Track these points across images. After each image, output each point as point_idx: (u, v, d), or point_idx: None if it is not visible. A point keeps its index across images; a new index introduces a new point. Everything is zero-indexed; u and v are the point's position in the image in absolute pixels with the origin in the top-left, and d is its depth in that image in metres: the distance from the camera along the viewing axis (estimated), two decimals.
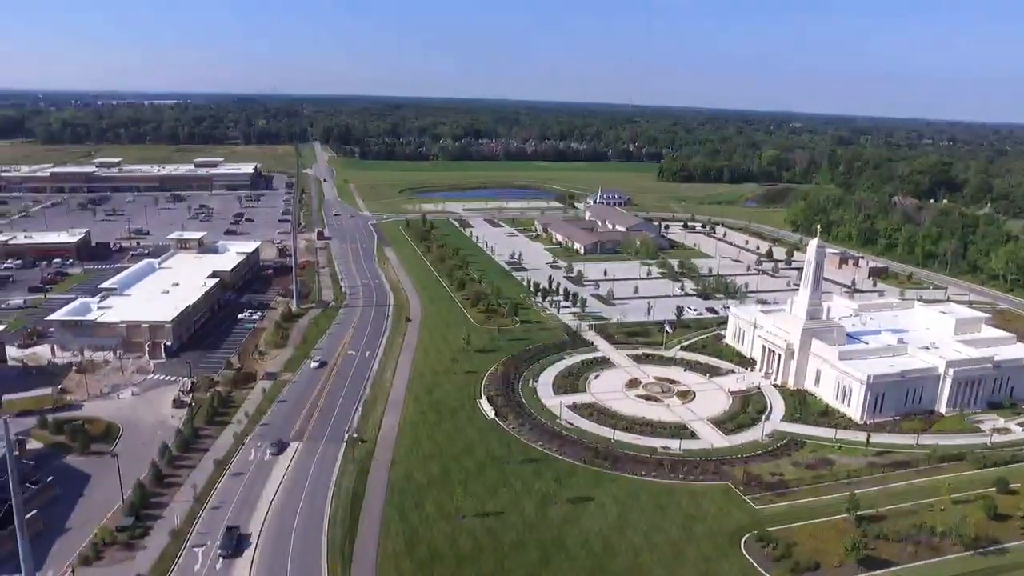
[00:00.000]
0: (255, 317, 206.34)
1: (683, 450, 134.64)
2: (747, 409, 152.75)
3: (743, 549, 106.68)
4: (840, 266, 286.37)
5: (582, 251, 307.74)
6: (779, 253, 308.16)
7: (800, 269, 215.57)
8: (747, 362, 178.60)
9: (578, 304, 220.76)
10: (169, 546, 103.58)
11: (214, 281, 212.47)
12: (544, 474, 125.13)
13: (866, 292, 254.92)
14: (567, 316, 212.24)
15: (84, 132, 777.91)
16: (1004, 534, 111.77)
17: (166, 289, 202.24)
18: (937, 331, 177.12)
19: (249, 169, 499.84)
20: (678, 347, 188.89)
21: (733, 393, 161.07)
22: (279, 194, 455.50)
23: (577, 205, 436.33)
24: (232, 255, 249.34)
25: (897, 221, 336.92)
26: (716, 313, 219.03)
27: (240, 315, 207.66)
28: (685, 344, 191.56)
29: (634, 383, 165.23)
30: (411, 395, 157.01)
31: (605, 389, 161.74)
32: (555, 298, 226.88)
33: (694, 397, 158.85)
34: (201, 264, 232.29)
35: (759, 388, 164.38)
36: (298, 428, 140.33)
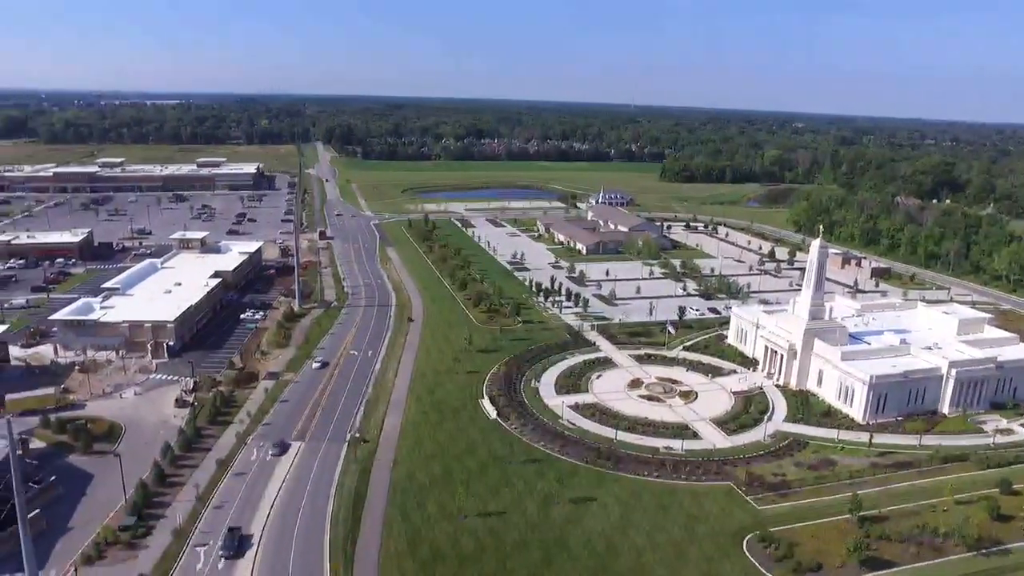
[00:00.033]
0: (257, 317, 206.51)
1: (685, 450, 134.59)
2: (749, 409, 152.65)
3: (745, 549, 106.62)
4: (843, 266, 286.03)
5: (584, 251, 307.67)
6: (781, 253, 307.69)
7: (802, 269, 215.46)
8: (749, 362, 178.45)
9: (580, 304, 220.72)
10: (171, 545, 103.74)
11: (216, 281, 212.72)
12: (546, 474, 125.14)
13: (869, 292, 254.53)
14: (569, 316, 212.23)
15: (87, 132, 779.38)
16: (1007, 535, 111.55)
17: (168, 289, 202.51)
18: (940, 332, 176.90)
19: (251, 169, 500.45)
20: (680, 347, 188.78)
21: (735, 393, 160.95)
22: (281, 194, 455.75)
23: (579, 205, 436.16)
24: (234, 255, 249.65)
25: (900, 221, 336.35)
26: (718, 313, 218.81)
27: (242, 315, 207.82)
28: (687, 344, 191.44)
29: (636, 383, 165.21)
30: (413, 395, 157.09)
31: (607, 389, 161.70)
32: (557, 298, 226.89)
33: (696, 397, 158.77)
34: (203, 264, 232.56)
35: (761, 388, 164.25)
36: (300, 428, 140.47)
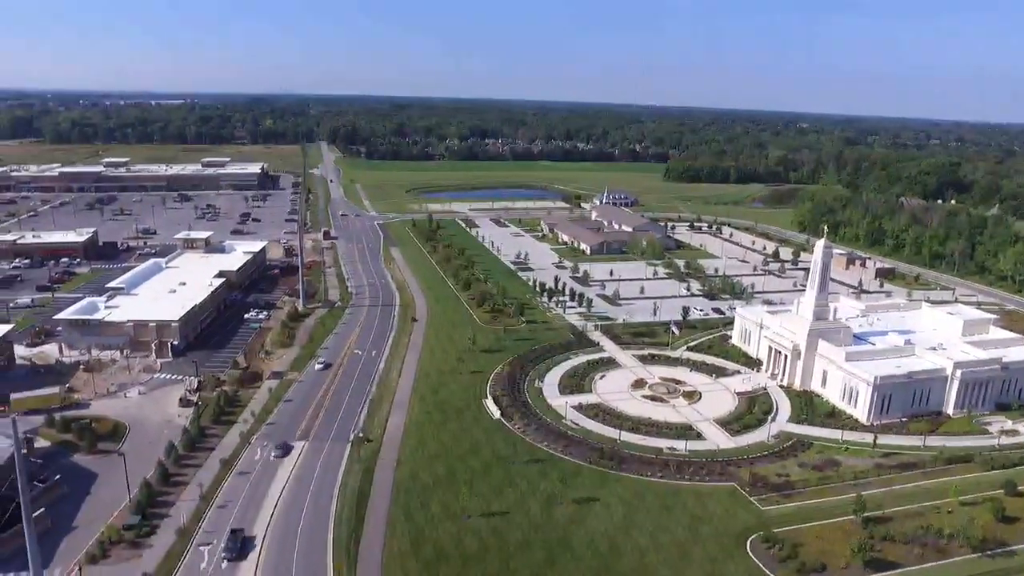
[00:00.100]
0: (261, 317, 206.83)
1: (689, 451, 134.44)
2: (753, 410, 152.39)
3: (749, 550, 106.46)
4: (847, 267, 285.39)
5: (588, 251, 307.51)
6: (786, 254, 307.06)
7: (807, 270, 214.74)
8: (753, 363, 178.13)
9: (584, 304, 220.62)
10: (175, 545, 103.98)
11: (221, 281, 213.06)
12: (550, 474, 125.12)
13: (873, 293, 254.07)
14: (573, 316, 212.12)
15: (92, 132, 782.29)
16: (1012, 536, 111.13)
17: (173, 288, 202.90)
18: (945, 332, 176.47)
19: (256, 169, 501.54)
20: (684, 347, 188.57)
21: (739, 394, 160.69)
22: (286, 194, 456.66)
23: (583, 205, 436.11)
24: (239, 255, 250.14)
25: (904, 222, 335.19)
26: (722, 314, 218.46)
27: (246, 315, 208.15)
28: (691, 344, 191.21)
29: (640, 383, 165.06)
30: (417, 395, 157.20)
31: (611, 389, 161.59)
32: (561, 298, 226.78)
33: (700, 398, 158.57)
34: (208, 264, 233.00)
35: (765, 389, 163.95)
36: (304, 427, 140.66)
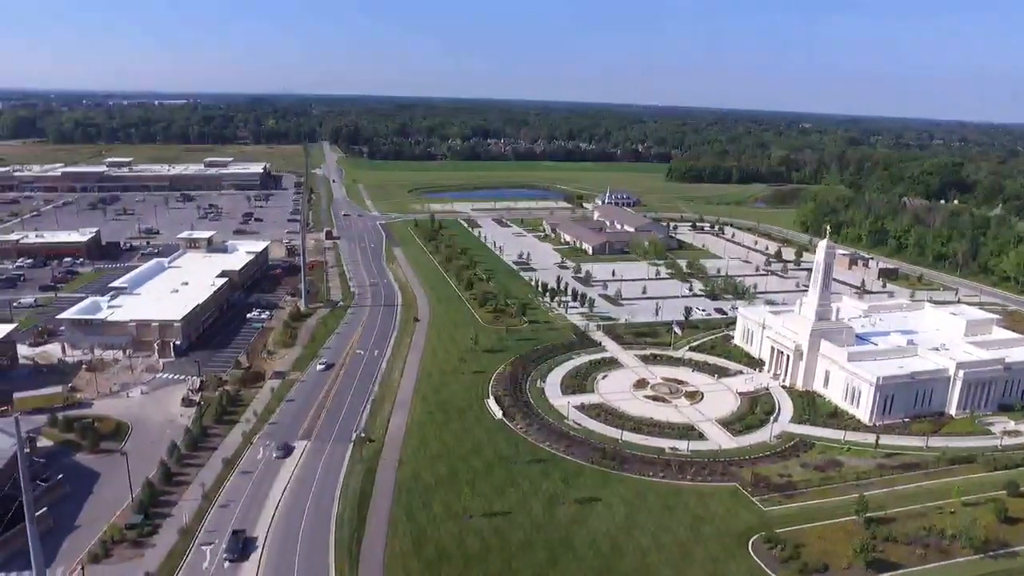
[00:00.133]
0: (264, 316, 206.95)
1: (691, 451, 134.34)
2: (755, 410, 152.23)
3: (751, 550, 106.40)
4: (849, 267, 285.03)
5: (590, 251, 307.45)
6: (788, 254, 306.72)
7: (809, 270, 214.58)
8: (755, 363, 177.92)
9: (586, 304, 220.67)
10: (178, 544, 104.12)
11: (223, 280, 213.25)
12: (552, 474, 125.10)
13: (876, 293, 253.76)
14: (575, 316, 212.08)
15: (95, 132, 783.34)
16: (1015, 537, 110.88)
17: (175, 288, 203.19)
18: (947, 332, 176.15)
19: (258, 169, 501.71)
20: (686, 348, 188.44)
21: (741, 394, 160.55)
22: (288, 194, 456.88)
23: (585, 205, 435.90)
24: (241, 254, 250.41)
25: (907, 222, 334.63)
26: (725, 314, 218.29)
27: (249, 314, 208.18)
28: (693, 345, 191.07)
29: (642, 384, 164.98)
30: (419, 395, 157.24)
31: (613, 389, 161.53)
32: (563, 298, 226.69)
33: (702, 398, 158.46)
34: (210, 263, 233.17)
35: (767, 389, 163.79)
36: (306, 427, 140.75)
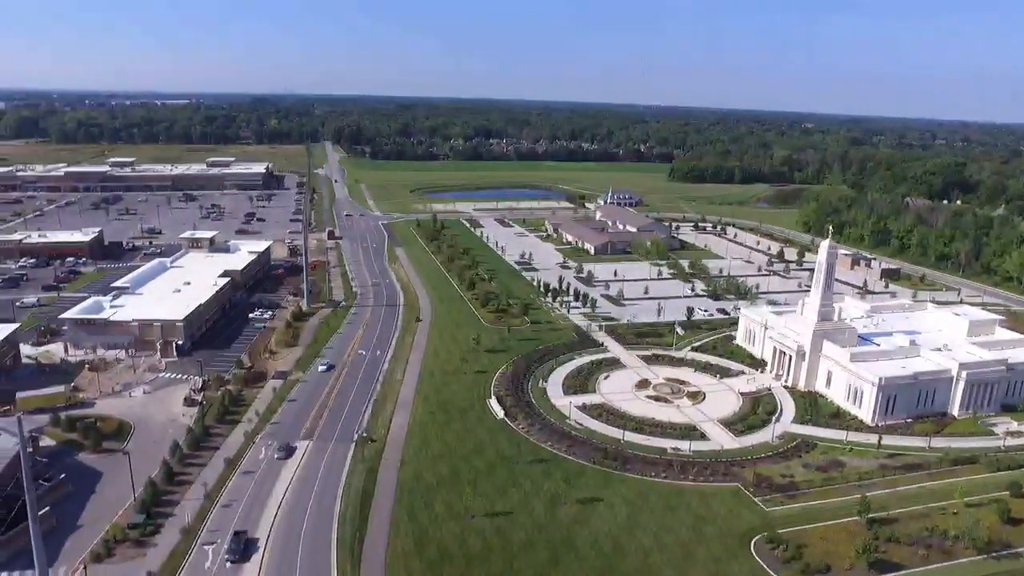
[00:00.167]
0: (266, 316, 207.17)
1: (693, 451, 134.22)
2: (757, 410, 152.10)
3: (753, 551, 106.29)
4: (852, 267, 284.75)
5: (592, 251, 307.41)
6: (790, 254, 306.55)
7: (811, 270, 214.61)
8: (758, 363, 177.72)
9: (588, 304, 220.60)
10: (180, 544, 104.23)
11: (225, 280, 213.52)
12: (553, 474, 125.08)
13: (878, 294, 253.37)
14: (577, 316, 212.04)
15: (98, 132, 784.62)
16: (1018, 538, 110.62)
17: (178, 288, 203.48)
18: (950, 333, 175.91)
19: (261, 169, 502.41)
20: (688, 348, 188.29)
21: (743, 394, 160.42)
22: (290, 194, 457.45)
23: (588, 205, 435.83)
24: (243, 254, 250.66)
25: (910, 222, 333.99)
26: (727, 314, 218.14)
27: (251, 314, 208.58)
28: (695, 345, 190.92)
29: (644, 384, 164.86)
30: (421, 395, 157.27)
31: (615, 390, 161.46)
32: (565, 298, 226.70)
33: (704, 398, 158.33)
34: (213, 263, 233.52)
35: (769, 389, 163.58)
36: (308, 427, 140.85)
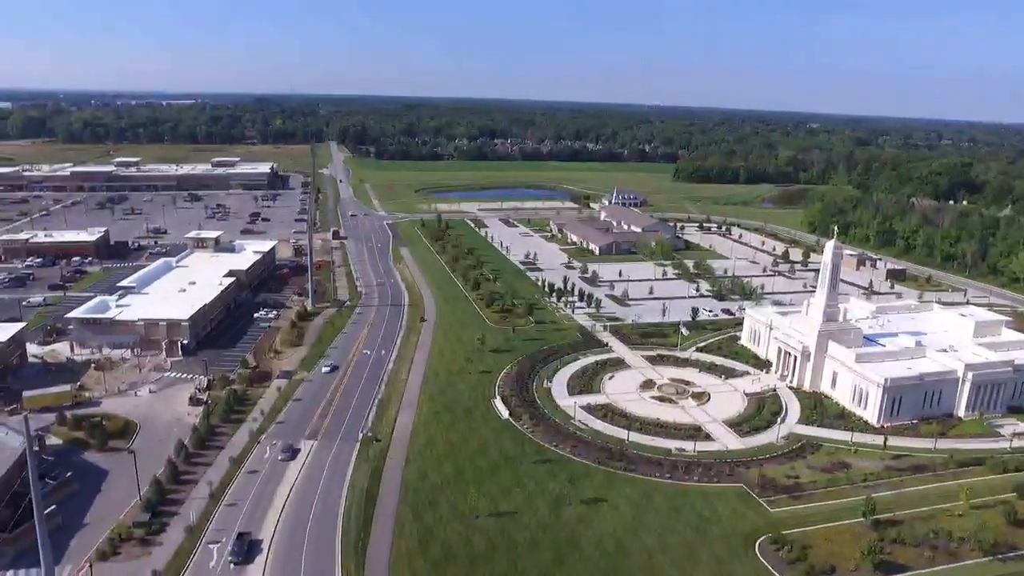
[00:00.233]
0: (271, 316, 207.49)
1: (697, 452, 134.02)
2: (762, 411, 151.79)
3: (757, 552, 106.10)
4: (857, 268, 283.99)
5: (597, 251, 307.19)
6: (795, 255, 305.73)
7: (817, 271, 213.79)
8: (763, 364, 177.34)
9: (593, 305, 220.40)
10: (184, 543, 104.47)
11: (230, 280, 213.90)
12: (558, 475, 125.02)
13: (884, 294, 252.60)
14: (582, 316, 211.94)
15: (104, 132, 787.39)
16: None
17: (183, 288, 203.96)
18: (956, 334, 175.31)
19: (266, 169, 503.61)
20: (693, 348, 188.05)
21: (748, 395, 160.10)
22: (295, 194, 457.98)
23: (592, 205, 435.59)
24: (248, 254, 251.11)
25: (916, 222, 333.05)
26: (732, 314, 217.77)
27: (256, 314, 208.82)
28: (700, 345, 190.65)
29: (649, 384, 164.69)
30: (425, 395, 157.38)
31: (620, 390, 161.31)
32: (570, 298, 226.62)
33: (709, 399, 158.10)
34: (218, 263, 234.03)
35: (775, 390, 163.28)
36: (313, 427, 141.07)
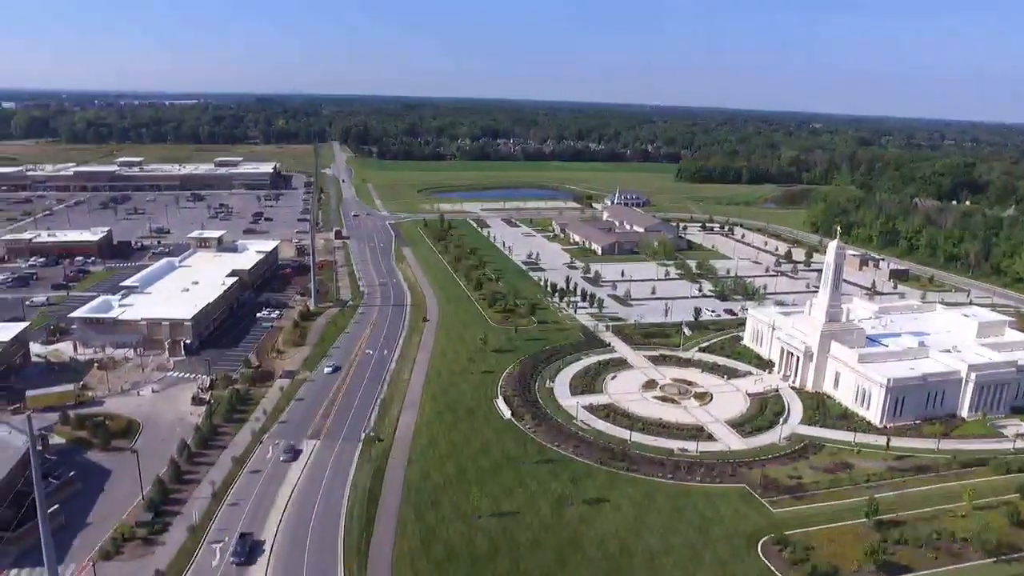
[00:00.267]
0: (273, 316, 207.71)
1: (700, 452, 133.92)
2: (765, 411, 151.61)
3: (760, 552, 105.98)
4: (860, 268, 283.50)
5: (599, 251, 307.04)
6: (798, 255, 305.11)
7: (819, 271, 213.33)
8: (765, 364, 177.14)
9: (595, 305, 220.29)
10: (187, 542, 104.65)
11: (233, 280, 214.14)
12: (560, 475, 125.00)
13: (886, 294, 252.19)
14: (584, 316, 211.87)
15: (107, 131, 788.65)
16: None
17: (186, 287, 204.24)
18: (959, 334, 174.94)
19: (268, 168, 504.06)
20: (696, 348, 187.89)
21: (751, 395, 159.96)
22: (298, 193, 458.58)
23: (595, 205, 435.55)
24: (251, 254, 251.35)
25: (919, 223, 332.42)
26: (734, 315, 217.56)
27: (258, 314, 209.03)
28: (703, 346, 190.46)
29: (651, 384, 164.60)
30: (428, 394, 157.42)
31: (622, 390, 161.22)
32: (572, 298, 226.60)
33: (711, 399, 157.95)
34: (220, 263, 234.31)
35: (777, 390, 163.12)
36: (315, 426, 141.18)
